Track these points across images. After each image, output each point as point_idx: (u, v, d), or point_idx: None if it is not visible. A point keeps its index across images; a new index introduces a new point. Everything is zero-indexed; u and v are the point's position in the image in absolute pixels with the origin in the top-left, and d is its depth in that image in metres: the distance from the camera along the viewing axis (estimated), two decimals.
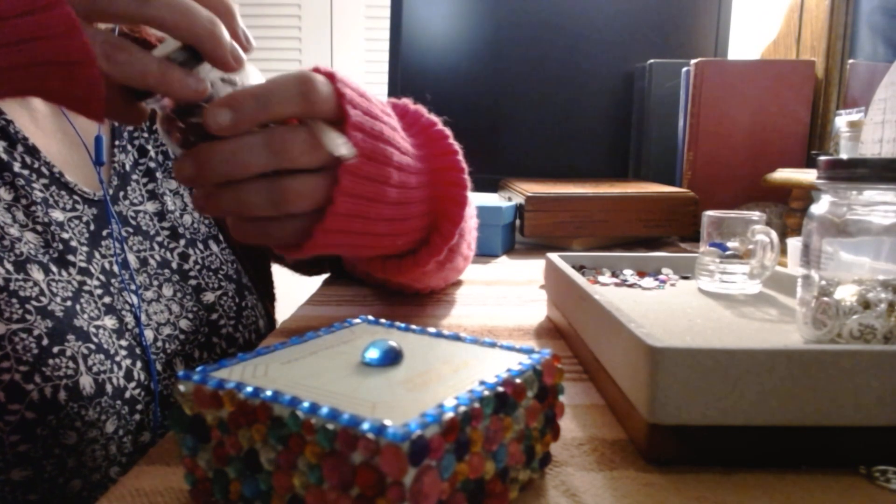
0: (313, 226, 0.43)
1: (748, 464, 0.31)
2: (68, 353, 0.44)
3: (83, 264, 0.50)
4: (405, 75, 1.23)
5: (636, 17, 1.24)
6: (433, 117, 0.54)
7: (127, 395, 0.47)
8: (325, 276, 0.78)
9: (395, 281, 0.59)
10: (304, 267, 0.77)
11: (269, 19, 2.33)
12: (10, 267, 0.44)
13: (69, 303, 0.46)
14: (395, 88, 1.23)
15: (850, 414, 0.30)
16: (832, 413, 0.30)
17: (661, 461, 0.31)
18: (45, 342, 0.43)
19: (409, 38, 1.23)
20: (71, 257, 0.49)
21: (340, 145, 0.40)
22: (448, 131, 0.53)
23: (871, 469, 0.30)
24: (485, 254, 0.89)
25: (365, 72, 2.38)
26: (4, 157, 0.49)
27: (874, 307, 0.37)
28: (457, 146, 0.53)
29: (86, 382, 0.44)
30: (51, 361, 0.43)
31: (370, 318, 0.36)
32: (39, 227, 0.48)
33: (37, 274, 0.45)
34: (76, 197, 0.52)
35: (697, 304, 0.51)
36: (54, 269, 0.47)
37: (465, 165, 0.53)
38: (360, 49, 2.37)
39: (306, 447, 0.23)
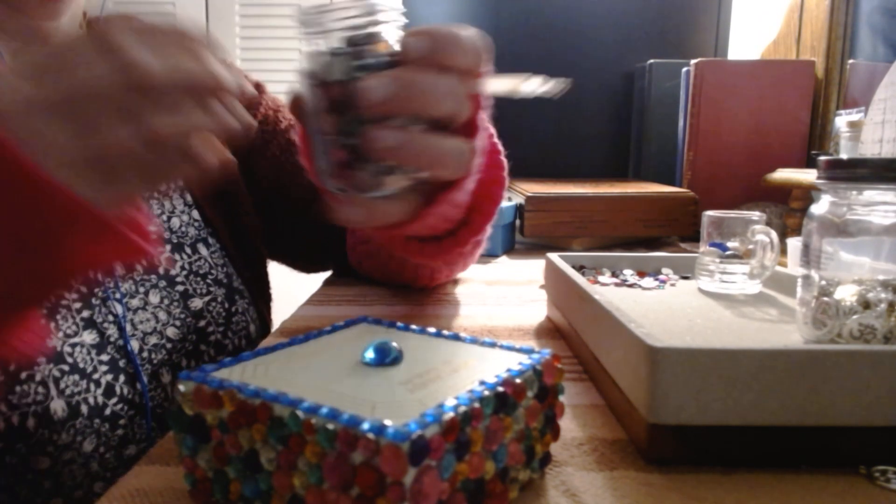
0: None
1: (748, 464, 0.31)
2: (38, 377, 0.42)
3: None
4: None
5: (636, 17, 1.24)
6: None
7: (107, 411, 0.45)
8: (325, 275, 0.78)
9: (419, 263, 0.56)
10: (305, 264, 0.77)
11: (269, 19, 2.33)
12: None
13: (41, 322, 0.45)
14: None
15: (850, 414, 0.30)
16: (832, 413, 0.30)
17: (661, 461, 0.31)
18: (11, 368, 0.41)
19: None
20: None
21: (542, 84, 0.41)
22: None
23: (871, 469, 0.30)
24: (485, 254, 0.89)
25: None
26: None
27: (874, 307, 0.37)
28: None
29: (57, 406, 0.42)
30: (18, 388, 0.41)
31: (370, 318, 0.36)
32: None
33: None
34: None
35: (697, 304, 0.51)
36: None
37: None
38: None
39: (306, 447, 0.23)
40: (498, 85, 0.43)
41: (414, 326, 0.34)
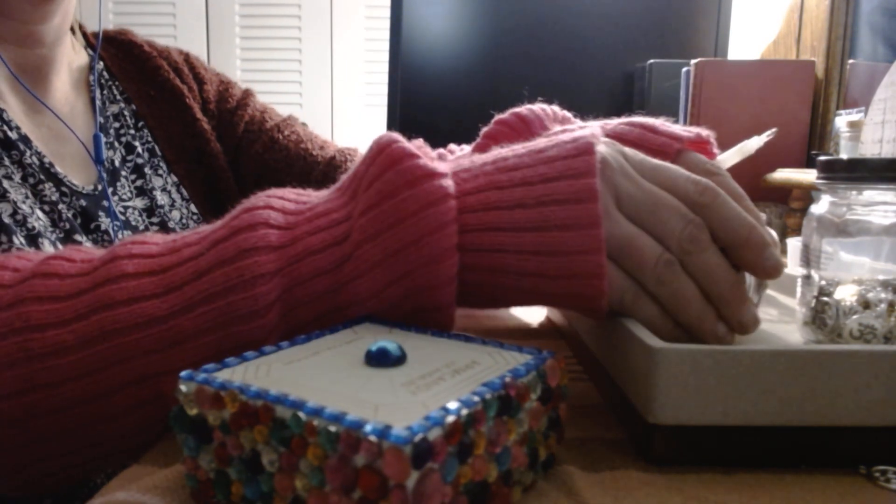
0: None
1: (748, 464, 0.31)
2: None
3: (87, 245, 0.50)
4: (405, 75, 1.23)
5: (636, 17, 1.24)
6: None
7: None
8: None
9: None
10: None
11: (269, 19, 2.33)
12: (22, 239, 0.45)
13: None
14: (395, 88, 1.23)
15: (850, 414, 0.30)
16: (832, 413, 0.30)
17: (661, 461, 0.31)
18: None
19: (409, 38, 1.23)
20: (77, 237, 0.49)
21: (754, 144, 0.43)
22: None
23: (871, 469, 0.30)
24: None
25: (365, 72, 2.38)
26: (12, 136, 0.49)
27: (874, 307, 0.37)
28: None
29: None
30: None
31: (373, 318, 0.36)
32: (47, 207, 0.49)
33: (48, 248, 0.46)
34: (64, 189, 0.52)
35: None
36: (61, 247, 0.47)
37: None
38: (360, 49, 2.37)
39: (308, 449, 0.23)
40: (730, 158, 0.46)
41: (416, 327, 0.34)
